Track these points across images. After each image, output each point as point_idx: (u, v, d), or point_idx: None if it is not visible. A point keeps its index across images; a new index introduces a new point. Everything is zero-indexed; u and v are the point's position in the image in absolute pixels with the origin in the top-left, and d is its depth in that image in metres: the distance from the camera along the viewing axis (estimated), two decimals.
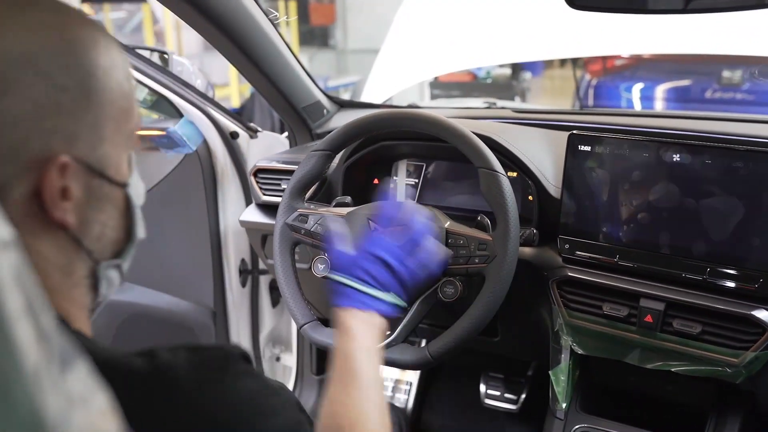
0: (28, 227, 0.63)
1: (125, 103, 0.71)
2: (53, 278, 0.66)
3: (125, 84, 0.71)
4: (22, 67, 0.61)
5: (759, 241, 1.22)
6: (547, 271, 1.43)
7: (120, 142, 0.71)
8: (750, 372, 1.26)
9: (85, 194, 0.67)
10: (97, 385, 0.43)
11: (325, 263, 1.45)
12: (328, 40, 9.42)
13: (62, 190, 0.64)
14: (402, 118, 1.41)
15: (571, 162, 1.37)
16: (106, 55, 0.68)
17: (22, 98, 0.61)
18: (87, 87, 0.65)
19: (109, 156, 0.69)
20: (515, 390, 2.16)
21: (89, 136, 0.66)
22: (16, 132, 0.61)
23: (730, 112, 2.39)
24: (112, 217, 0.72)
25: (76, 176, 0.65)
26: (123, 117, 0.71)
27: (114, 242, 0.73)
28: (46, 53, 0.63)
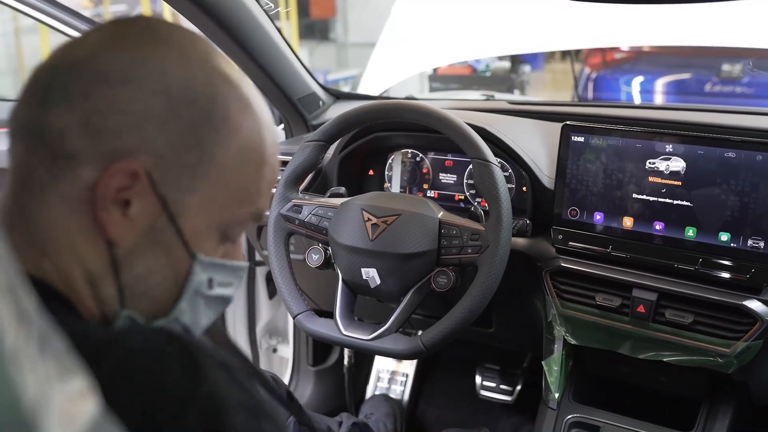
0: (78, 215, 0.63)
1: (240, 182, 0.68)
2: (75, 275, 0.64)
3: (251, 164, 0.69)
4: (155, 77, 0.62)
5: (751, 231, 1.22)
6: (540, 262, 1.43)
7: (213, 213, 0.67)
8: (742, 362, 1.26)
9: (146, 224, 0.64)
10: (77, 366, 0.43)
11: (320, 253, 1.45)
12: (329, 33, 9.40)
13: (124, 201, 0.62)
14: (396, 108, 1.42)
15: (565, 152, 1.38)
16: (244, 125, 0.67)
17: (137, 97, 0.62)
18: (202, 130, 0.64)
19: (191, 210, 0.66)
20: (510, 381, 2.16)
21: (179, 176, 0.64)
22: (116, 120, 0.61)
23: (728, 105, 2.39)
24: (162, 272, 0.67)
25: (144, 198, 0.63)
26: (229, 192, 0.68)
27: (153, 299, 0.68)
28: (181, 80, 0.63)
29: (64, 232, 0.63)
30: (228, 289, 0.74)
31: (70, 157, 0.61)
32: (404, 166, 1.72)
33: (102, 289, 0.65)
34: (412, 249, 1.32)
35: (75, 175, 0.62)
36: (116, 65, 0.62)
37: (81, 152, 0.61)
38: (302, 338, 2.25)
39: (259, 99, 0.70)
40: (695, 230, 1.28)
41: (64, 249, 0.63)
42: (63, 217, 0.63)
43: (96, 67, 0.62)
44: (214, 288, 0.72)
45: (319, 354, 2.27)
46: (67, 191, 0.62)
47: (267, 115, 0.71)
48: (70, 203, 0.62)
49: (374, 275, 1.36)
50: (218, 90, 0.66)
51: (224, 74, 0.67)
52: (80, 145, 0.61)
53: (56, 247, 0.63)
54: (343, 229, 1.39)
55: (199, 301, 0.71)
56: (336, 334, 1.38)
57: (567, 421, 1.45)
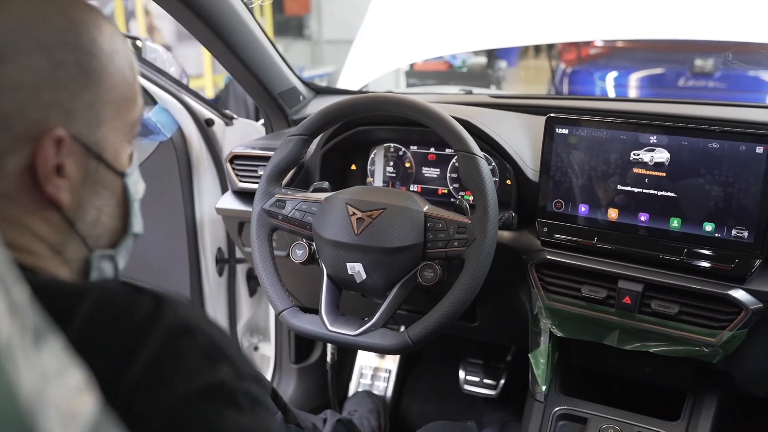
0: (21, 201, 0.63)
1: (127, 90, 0.71)
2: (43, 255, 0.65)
3: (128, 72, 0.71)
4: (23, 38, 0.62)
5: (735, 222, 1.23)
6: (525, 255, 1.43)
7: (120, 129, 0.71)
8: (727, 351, 1.27)
9: (81, 175, 0.66)
10: (73, 361, 0.42)
11: (304, 249, 1.44)
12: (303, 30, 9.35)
13: (57, 167, 0.63)
14: (380, 101, 1.40)
15: (549, 145, 1.37)
16: (109, 40, 0.69)
17: (21, 67, 0.61)
18: (86, 66, 0.66)
19: (107, 139, 0.69)
20: (494, 375, 2.17)
21: (87, 116, 0.66)
22: (12, 100, 0.61)
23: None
24: (108, 204, 0.71)
25: (73, 154, 0.65)
26: (124, 104, 0.71)
27: (110, 231, 0.73)
28: (47, 28, 0.63)
29: (15, 223, 0.64)
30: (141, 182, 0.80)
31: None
32: (387, 161, 1.71)
33: (67, 251, 0.68)
34: (397, 243, 1.32)
35: (3, 170, 0.62)
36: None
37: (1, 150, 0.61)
38: (284, 335, 2.23)
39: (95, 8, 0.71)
40: (680, 221, 1.28)
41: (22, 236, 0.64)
42: (9, 210, 0.63)
43: None
44: (138, 188, 0.78)
45: (302, 351, 2.25)
46: (2, 187, 0.62)
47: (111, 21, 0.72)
48: (10, 196, 0.63)
49: (360, 270, 1.35)
50: (76, 20, 0.66)
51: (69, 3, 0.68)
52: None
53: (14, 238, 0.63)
54: (327, 223, 1.37)
55: (136, 206, 0.77)
56: (322, 330, 1.37)
57: (554, 414, 1.45)
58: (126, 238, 0.75)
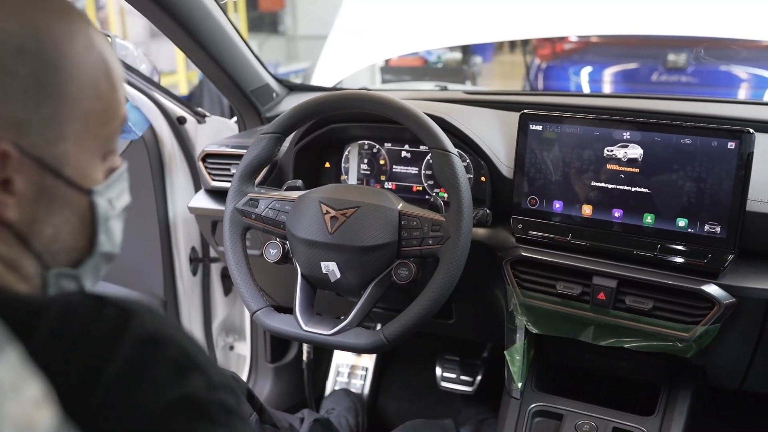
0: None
1: (100, 105, 0.66)
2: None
3: (103, 85, 0.66)
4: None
5: (707, 217, 1.23)
6: (500, 252, 1.43)
7: (90, 145, 0.65)
8: (700, 346, 1.27)
9: (33, 191, 0.61)
10: (30, 374, 0.40)
11: (277, 248, 1.43)
12: (278, 26, 9.30)
13: (3, 182, 0.59)
14: (353, 99, 1.39)
15: (523, 141, 1.37)
16: (83, 51, 0.63)
17: None
18: (45, 78, 0.60)
19: (70, 156, 0.63)
20: (471, 372, 2.17)
21: (44, 131, 0.61)
22: None
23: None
24: (69, 221, 0.66)
25: (23, 169, 0.60)
26: (96, 119, 0.65)
27: (71, 249, 0.68)
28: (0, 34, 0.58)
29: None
30: (124, 196, 0.74)
31: None
32: (361, 158, 1.70)
33: (23, 267, 0.64)
34: (372, 241, 1.31)
35: None
36: None
37: None
38: (260, 335, 2.22)
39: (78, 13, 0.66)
40: (653, 217, 1.29)
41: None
42: None
43: None
44: (115, 204, 0.72)
45: (277, 350, 2.24)
46: None
47: (91, 26, 0.67)
48: None
49: (334, 269, 1.34)
50: (40, 27, 0.61)
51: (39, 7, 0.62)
52: None
53: None
54: (301, 222, 1.36)
55: (110, 224, 0.71)
56: (297, 330, 1.36)
57: (530, 410, 1.45)
58: (90, 257, 0.70)
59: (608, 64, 4.72)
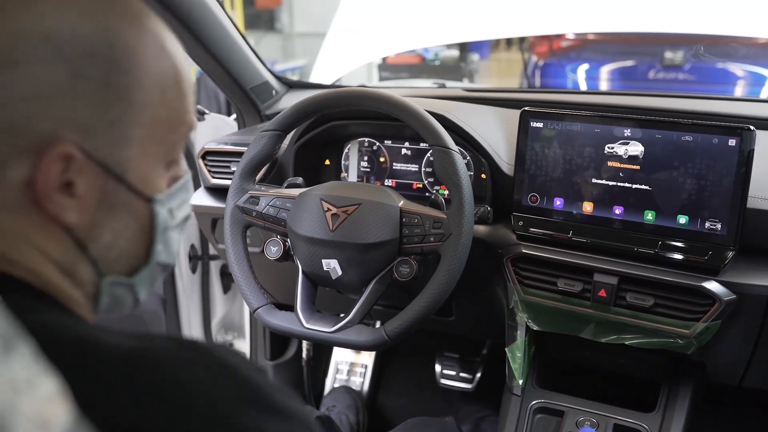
0: (25, 215, 0.58)
1: (167, 112, 0.64)
2: (49, 272, 0.60)
3: (172, 91, 0.65)
4: (41, 45, 0.55)
5: (708, 214, 1.24)
6: (501, 249, 1.43)
7: (153, 151, 0.64)
8: (701, 342, 1.28)
9: (96, 196, 0.60)
10: (44, 370, 0.40)
11: (278, 245, 1.43)
12: (275, 23, 9.28)
13: (65, 185, 0.58)
14: (354, 96, 1.39)
15: (523, 139, 1.37)
16: (153, 56, 0.62)
17: (32, 76, 0.55)
18: (114, 82, 0.59)
19: (133, 162, 0.62)
20: (470, 369, 2.17)
21: (110, 135, 0.59)
22: (20, 109, 0.55)
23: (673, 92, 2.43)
24: (129, 228, 0.65)
25: (86, 173, 0.58)
26: (162, 125, 0.64)
27: (128, 257, 0.67)
28: (73, 35, 0.57)
29: (19, 237, 0.58)
30: (185, 207, 0.73)
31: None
32: (361, 155, 1.70)
33: (78, 273, 0.62)
34: (373, 239, 1.31)
35: (6, 180, 0.56)
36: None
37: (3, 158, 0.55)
38: (259, 332, 2.21)
39: (151, 17, 0.64)
40: (654, 214, 1.29)
41: (26, 253, 0.59)
42: (12, 224, 0.58)
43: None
44: (176, 215, 0.70)
45: (277, 348, 2.24)
46: (5, 198, 0.57)
47: (164, 31, 0.66)
48: (12, 208, 0.57)
49: (335, 266, 1.34)
50: (112, 29, 0.60)
51: (114, 10, 0.61)
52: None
53: (18, 254, 0.58)
54: (302, 220, 1.36)
55: (168, 234, 0.70)
56: (298, 328, 1.36)
57: (532, 407, 1.46)
58: (147, 266, 0.69)
59: (605, 61, 4.72)
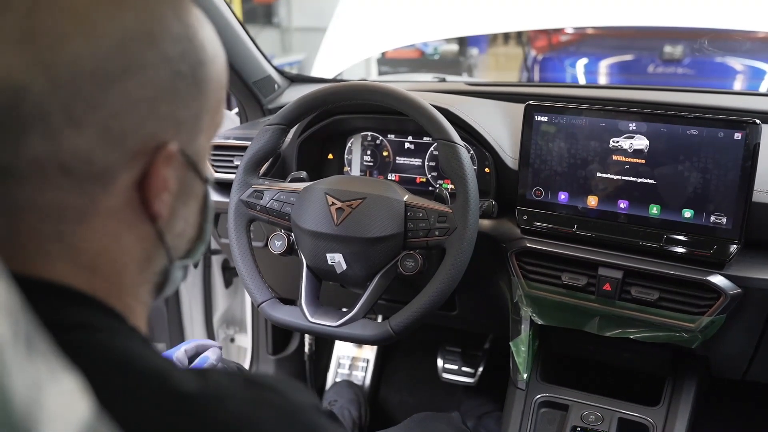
0: (125, 217, 0.58)
1: (222, 93, 0.66)
2: (128, 272, 0.60)
3: (224, 75, 0.66)
4: (147, 48, 0.55)
5: (713, 208, 1.24)
6: (505, 243, 1.43)
7: (211, 135, 0.66)
8: (706, 336, 1.28)
9: (178, 187, 0.61)
10: (64, 366, 0.40)
11: (282, 239, 1.42)
12: (272, 17, 9.26)
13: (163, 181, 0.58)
14: (359, 90, 1.39)
15: (528, 133, 1.37)
16: (212, 43, 0.63)
17: (143, 81, 0.55)
18: (198, 75, 0.60)
19: (202, 149, 0.64)
20: (472, 363, 2.17)
21: (192, 127, 0.61)
22: (131, 116, 0.55)
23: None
24: (192, 213, 0.66)
25: (176, 167, 0.59)
26: (217, 108, 0.65)
27: (190, 240, 0.68)
28: (169, 37, 0.57)
29: (114, 241, 0.58)
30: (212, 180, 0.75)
31: (105, 173, 0.55)
32: (364, 149, 1.69)
33: (153, 265, 0.64)
34: (378, 233, 1.30)
35: (114, 188, 0.56)
36: (108, 58, 0.53)
37: (114, 163, 0.55)
38: (261, 327, 2.22)
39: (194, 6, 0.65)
40: (659, 208, 1.29)
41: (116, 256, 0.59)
42: (111, 229, 0.58)
43: (87, 71, 0.52)
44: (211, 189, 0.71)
45: (279, 342, 2.24)
46: (110, 205, 0.56)
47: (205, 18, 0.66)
48: (115, 214, 0.57)
49: (340, 260, 1.34)
50: (187, 22, 0.60)
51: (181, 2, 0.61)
52: (110, 158, 0.55)
53: (108, 259, 0.58)
54: (306, 214, 1.36)
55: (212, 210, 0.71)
56: (302, 322, 1.36)
57: (536, 401, 1.46)
58: (200, 244, 0.70)
59: (604, 55, 4.71)
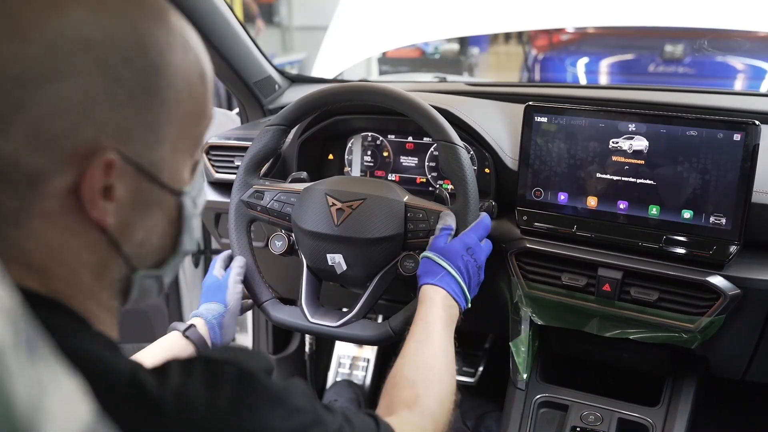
0: (64, 222, 0.58)
1: (194, 107, 0.65)
2: (82, 277, 0.61)
3: (198, 86, 0.65)
4: (80, 53, 0.55)
5: (713, 209, 1.24)
6: (505, 243, 1.43)
7: (182, 147, 0.65)
8: (705, 337, 1.28)
9: (131, 197, 0.61)
10: (65, 369, 0.40)
11: (283, 240, 1.43)
12: (273, 17, 9.26)
13: (105, 189, 0.58)
14: (359, 90, 1.39)
15: (528, 133, 1.37)
16: (181, 53, 0.62)
17: (75, 86, 0.55)
18: (149, 84, 0.59)
19: (165, 160, 0.63)
20: (472, 363, 2.17)
21: (145, 136, 0.60)
22: (62, 120, 0.55)
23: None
24: (159, 224, 0.66)
25: (123, 176, 0.59)
26: (190, 121, 0.65)
27: (157, 251, 0.68)
28: (110, 43, 0.57)
29: (58, 244, 0.59)
30: (203, 193, 0.75)
31: (35, 176, 0.55)
32: (364, 150, 1.70)
33: (110, 273, 0.63)
34: (378, 233, 1.31)
35: (48, 190, 0.56)
36: (36, 62, 0.54)
37: (44, 167, 0.55)
38: (261, 326, 2.22)
39: (174, 13, 0.64)
40: (658, 208, 1.29)
41: (65, 259, 0.59)
42: (52, 232, 0.58)
43: (12, 74, 0.53)
44: (197, 202, 0.72)
45: (279, 342, 2.24)
46: (45, 207, 0.57)
47: (185, 25, 0.66)
48: (53, 216, 0.58)
49: (340, 261, 1.34)
50: (143, 31, 0.60)
51: (137, 8, 0.61)
52: (40, 161, 0.55)
53: (57, 262, 0.59)
54: (307, 214, 1.36)
55: (193, 222, 0.71)
56: (302, 322, 1.36)
57: (536, 401, 1.46)
58: (174, 257, 0.70)
59: (605, 55, 4.72)
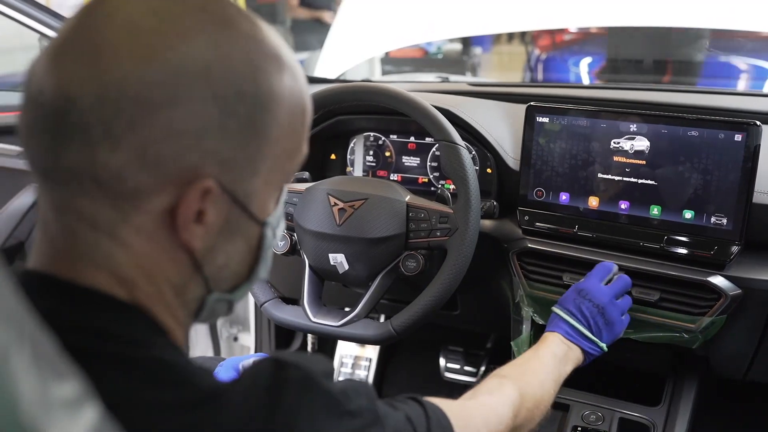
0: (156, 239, 0.60)
1: (292, 143, 0.66)
2: (165, 293, 0.62)
3: (299, 123, 0.66)
4: (199, 83, 0.57)
5: (714, 209, 1.24)
6: (507, 243, 1.44)
7: (274, 180, 0.66)
8: (706, 337, 1.28)
9: (220, 223, 0.62)
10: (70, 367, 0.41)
11: (285, 240, 1.43)
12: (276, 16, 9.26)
13: (198, 213, 0.60)
14: (361, 91, 1.40)
15: (529, 133, 1.38)
16: (289, 89, 0.63)
17: (190, 113, 0.57)
18: (257, 119, 0.61)
19: (257, 192, 0.64)
20: (474, 363, 2.17)
21: (244, 168, 0.61)
22: (172, 144, 0.56)
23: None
24: (240, 251, 0.67)
25: (217, 203, 0.60)
26: (286, 156, 0.66)
27: (234, 276, 0.69)
28: (228, 75, 0.58)
29: (148, 259, 0.60)
30: (282, 224, 0.75)
31: (136, 193, 0.57)
32: (366, 150, 1.70)
33: (188, 291, 0.65)
34: (380, 233, 1.31)
35: (146, 207, 0.58)
36: (157, 86, 0.56)
37: (146, 185, 0.57)
38: (264, 326, 2.22)
39: (285, 46, 0.65)
40: (660, 209, 1.29)
41: (152, 274, 0.61)
42: (144, 248, 0.60)
43: (132, 93, 0.55)
44: (277, 233, 0.72)
45: (282, 341, 2.24)
46: (140, 223, 0.59)
47: (295, 63, 0.66)
48: (146, 233, 0.59)
49: (342, 261, 1.34)
50: (257, 65, 0.61)
51: (255, 42, 0.62)
52: (143, 179, 0.57)
53: (144, 276, 0.61)
54: (309, 214, 1.36)
55: (269, 252, 0.72)
56: (305, 322, 1.36)
57: None
58: (247, 284, 0.71)
59: None
